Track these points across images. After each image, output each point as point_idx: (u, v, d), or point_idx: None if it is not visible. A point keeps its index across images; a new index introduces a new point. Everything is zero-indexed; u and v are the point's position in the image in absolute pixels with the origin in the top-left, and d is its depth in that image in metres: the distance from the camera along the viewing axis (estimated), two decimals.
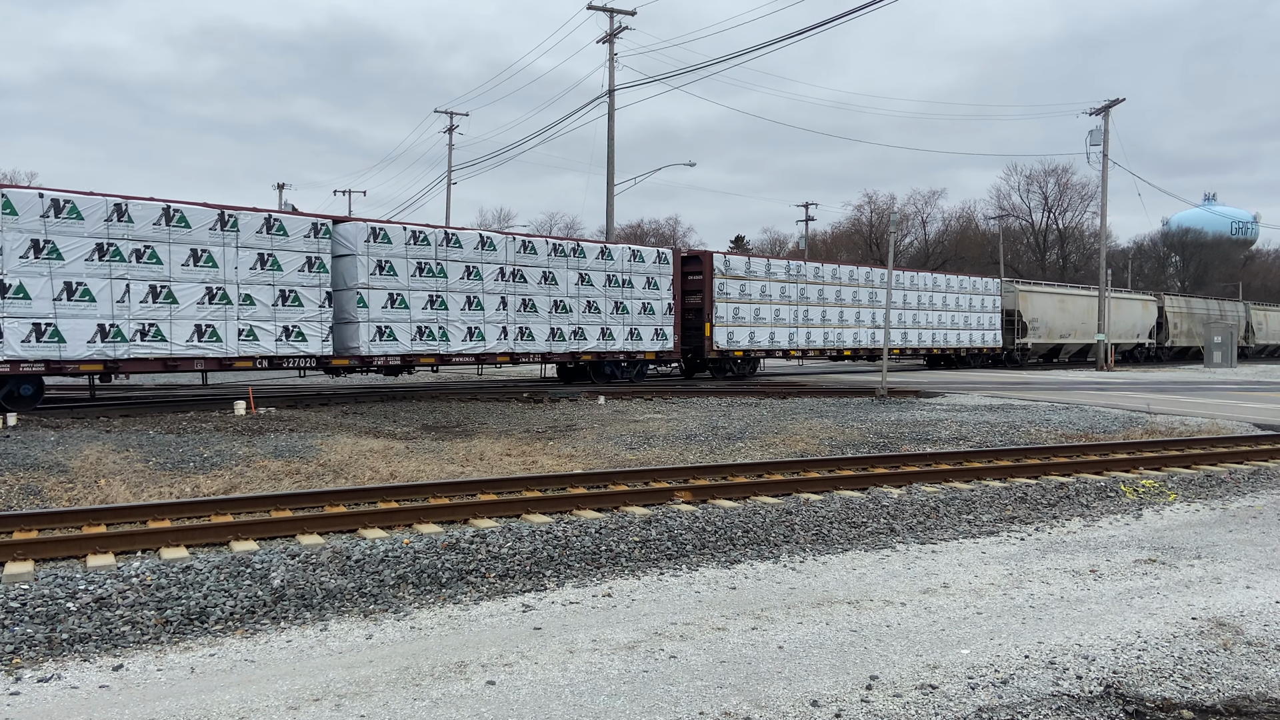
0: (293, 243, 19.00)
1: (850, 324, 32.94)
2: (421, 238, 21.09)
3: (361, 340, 19.99)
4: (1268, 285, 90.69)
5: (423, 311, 21.09)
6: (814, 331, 31.40)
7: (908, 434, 14.94)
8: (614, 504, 8.85)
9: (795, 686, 4.58)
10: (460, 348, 21.82)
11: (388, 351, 20.47)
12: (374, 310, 20.23)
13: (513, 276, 22.80)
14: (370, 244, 20.17)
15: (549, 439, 14.32)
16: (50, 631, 5.44)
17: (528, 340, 23.07)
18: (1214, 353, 46.33)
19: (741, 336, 28.79)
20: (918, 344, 35.65)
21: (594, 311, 24.49)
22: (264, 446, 12.62)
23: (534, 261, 23.23)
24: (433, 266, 21.33)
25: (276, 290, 18.80)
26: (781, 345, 30.16)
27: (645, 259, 25.76)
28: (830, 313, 32.08)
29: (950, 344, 37.28)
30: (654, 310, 25.88)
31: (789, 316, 30.48)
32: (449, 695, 4.49)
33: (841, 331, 32.47)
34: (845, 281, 32.91)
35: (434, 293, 21.32)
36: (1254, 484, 10.92)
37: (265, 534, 7.56)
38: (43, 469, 10.72)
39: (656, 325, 25.92)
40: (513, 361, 23.01)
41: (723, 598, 6.29)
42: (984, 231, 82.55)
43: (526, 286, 23.04)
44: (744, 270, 29.09)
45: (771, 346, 29.78)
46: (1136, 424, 16.80)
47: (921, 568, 7.11)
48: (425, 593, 6.42)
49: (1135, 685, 4.60)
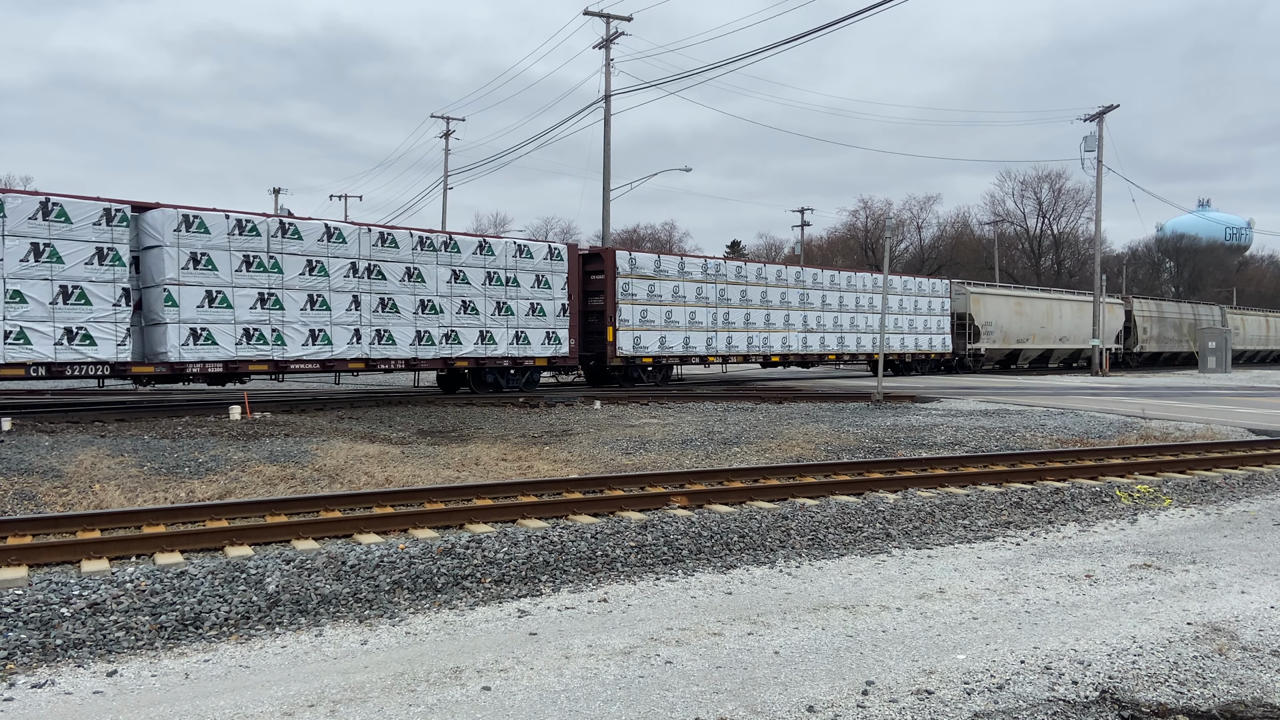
0: (78, 231, 16.55)
1: (779, 327, 30.45)
2: (249, 227, 18.56)
3: (170, 344, 17.50)
4: (1261, 291, 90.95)
5: (251, 312, 18.58)
6: (736, 336, 28.95)
7: (903, 439, 14.95)
8: (610, 509, 8.84)
9: (791, 692, 4.58)
10: (301, 353, 19.29)
11: (205, 358, 17.95)
12: (186, 310, 17.69)
13: (368, 273, 20.35)
14: (181, 233, 17.61)
15: (545, 444, 14.31)
16: (44, 637, 5.42)
17: (387, 345, 20.66)
18: (1208, 358, 46.44)
19: (651, 341, 26.47)
20: (856, 348, 33.44)
21: (470, 313, 22.22)
22: (259, 451, 12.60)
23: (395, 256, 20.84)
24: (264, 260, 18.75)
25: (55, 286, 16.35)
26: (698, 350, 27.81)
27: (534, 255, 23.58)
28: (756, 315, 29.64)
29: (893, 349, 35.12)
30: (545, 312, 23.60)
31: (707, 319, 28.14)
32: (444, 701, 4.48)
33: (769, 335, 30.05)
34: (772, 282, 30.47)
35: (265, 290, 18.76)
36: (1249, 489, 10.94)
37: (260, 539, 7.55)
38: (37, 474, 10.69)
39: (548, 328, 23.66)
40: (368, 368, 20.62)
41: (718, 603, 6.28)
42: (979, 237, 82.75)
43: (386, 284, 20.66)
44: (653, 269, 26.75)
45: (687, 352, 27.47)
46: (1131, 429, 16.83)
47: (917, 573, 7.11)
48: (421, 598, 6.41)
49: (1131, 690, 4.60)
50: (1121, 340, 50.59)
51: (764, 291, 30.02)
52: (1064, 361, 49.03)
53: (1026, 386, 30.53)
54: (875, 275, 34.90)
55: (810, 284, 31.78)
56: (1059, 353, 46.99)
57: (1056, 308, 45.86)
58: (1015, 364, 45.21)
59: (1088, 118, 43.24)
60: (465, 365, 22.35)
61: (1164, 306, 55.86)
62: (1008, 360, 44.93)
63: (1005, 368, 45.27)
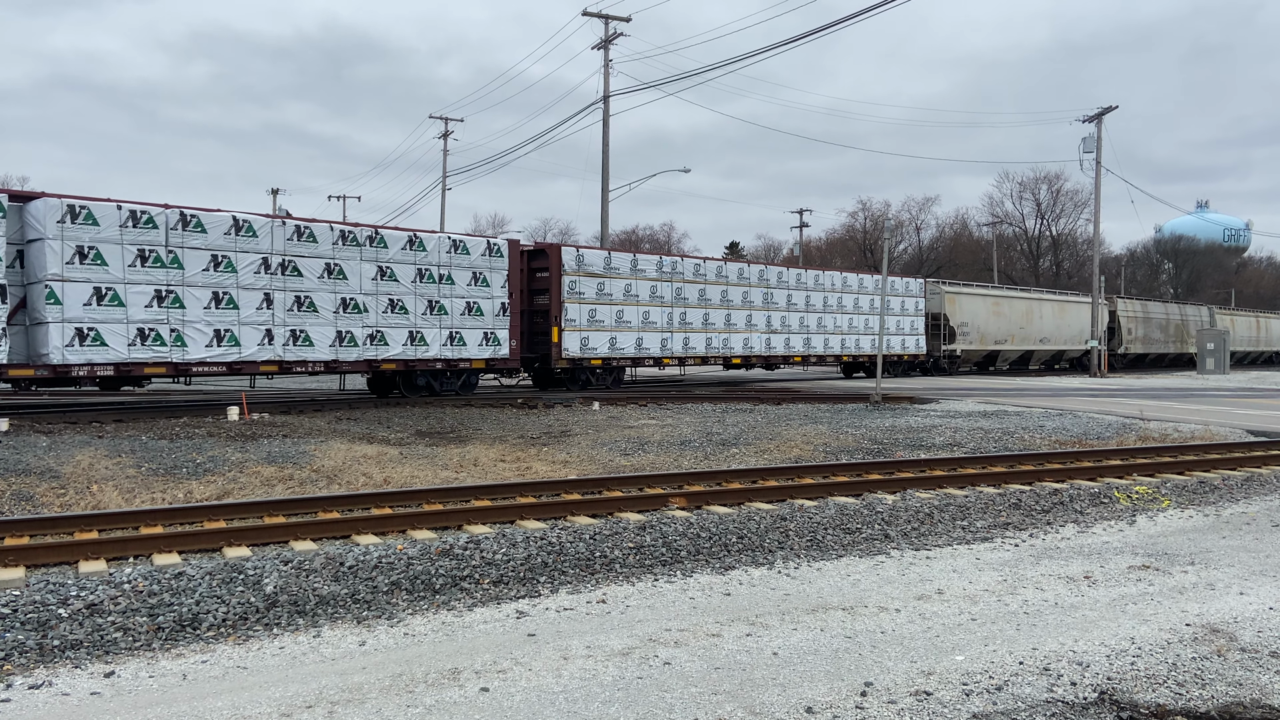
0: None
1: (740, 328, 29.12)
2: (145, 219, 17.24)
3: (53, 345, 16.25)
4: (1260, 292, 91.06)
5: (146, 310, 17.29)
6: (694, 336, 27.58)
7: (902, 440, 14.95)
8: (608, 510, 8.84)
9: (790, 693, 4.57)
10: (205, 354, 18.06)
11: (93, 360, 16.70)
12: (71, 308, 16.42)
13: (282, 269, 18.97)
14: (66, 225, 16.34)
15: (543, 445, 14.31)
16: (42, 638, 5.41)
17: (304, 346, 19.26)
18: (1206, 359, 46.42)
19: (600, 342, 25.12)
20: (824, 350, 32.20)
21: (399, 312, 20.86)
22: (257, 452, 12.59)
23: (313, 251, 19.43)
24: (161, 255, 17.43)
25: None
26: (652, 352, 26.47)
27: (471, 251, 22.23)
28: (715, 315, 28.31)
29: (865, 350, 33.73)
30: (482, 311, 22.31)
31: (662, 319, 26.73)
32: (443, 702, 4.47)
33: (729, 336, 28.66)
34: (734, 280, 29.05)
35: (164, 287, 17.50)
36: (1247, 490, 10.94)
37: (258, 540, 7.54)
38: (35, 474, 10.68)
39: (486, 328, 22.36)
40: (283, 371, 19.33)
41: (717, 604, 6.28)
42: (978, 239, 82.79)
43: (303, 281, 19.27)
44: (602, 267, 25.39)
45: (639, 354, 26.14)
46: (1130, 430, 16.84)
47: (916, 574, 7.11)
48: (419, 599, 6.40)
49: (1129, 692, 4.60)
50: (1105, 341, 48.79)
51: (724, 290, 28.74)
52: (1045, 363, 47.85)
53: (1025, 388, 30.54)
54: (845, 274, 33.81)
55: (775, 283, 30.50)
56: (1039, 354, 45.85)
57: (1036, 308, 44.80)
58: (994, 366, 44.03)
59: (1086, 119, 43.29)
60: (393, 368, 21.05)
61: (1150, 307, 54.45)
62: (985, 362, 43.82)
63: (983, 369, 44.10)
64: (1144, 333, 52.51)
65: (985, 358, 43.21)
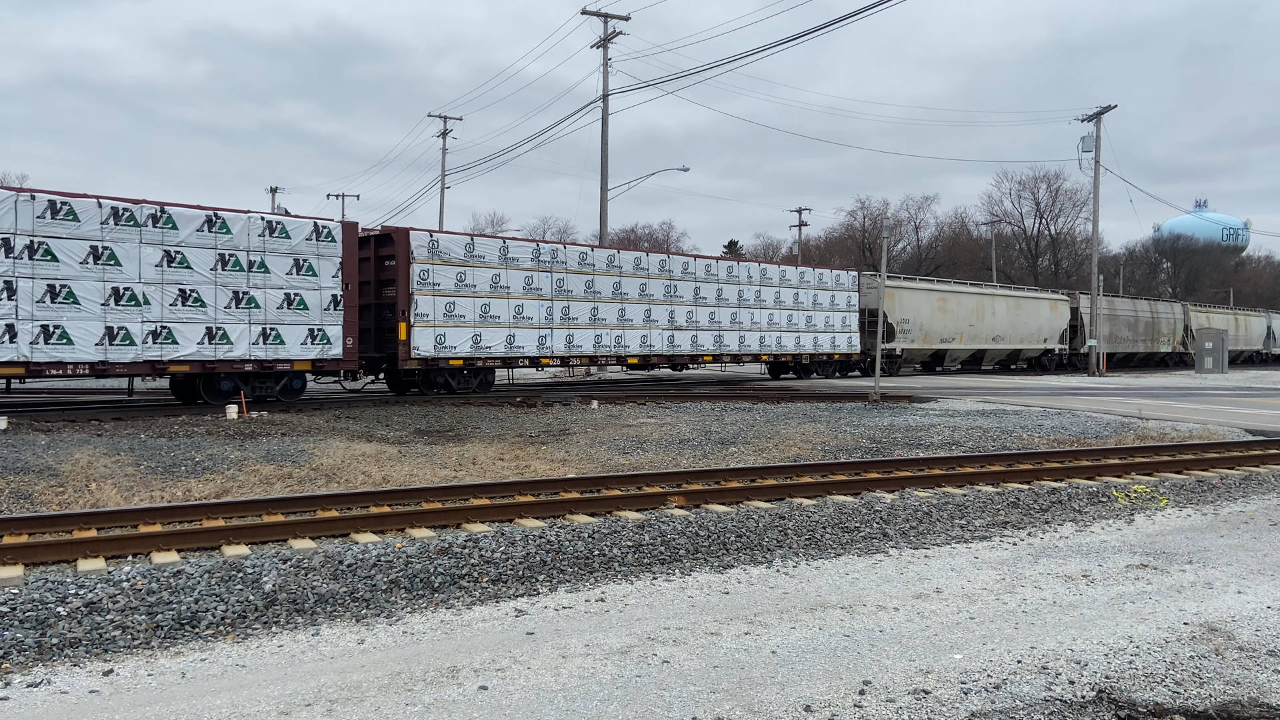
0: None
1: (637, 324, 26.13)
2: None
3: None
4: (1258, 291, 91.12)
5: None
6: (581, 334, 24.76)
7: (901, 439, 14.96)
8: (607, 509, 8.84)
9: (788, 691, 4.58)
10: None
11: None
12: None
13: (30, 252, 16.12)
14: None
15: (542, 443, 14.31)
16: (40, 636, 5.41)
17: (60, 344, 16.40)
18: (1204, 358, 46.40)
19: (459, 340, 22.36)
20: (740, 348, 29.28)
21: (193, 304, 17.87)
22: (256, 451, 12.59)
23: (74, 232, 16.55)
24: None
25: None
26: (528, 351, 23.68)
27: (292, 234, 19.09)
28: (607, 309, 25.38)
29: (788, 349, 30.86)
30: (307, 304, 19.27)
31: (539, 314, 23.97)
32: (441, 700, 4.47)
33: (624, 333, 25.75)
34: (629, 271, 26.02)
35: None
36: (1245, 489, 10.95)
37: (257, 538, 7.54)
38: (33, 473, 10.67)
39: (312, 324, 19.40)
40: (32, 374, 16.48)
41: (716, 602, 6.28)
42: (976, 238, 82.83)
43: (58, 267, 16.42)
44: (464, 254, 22.57)
45: (511, 353, 23.37)
46: (1128, 429, 16.85)
47: (914, 572, 7.12)
48: (418, 597, 6.40)
49: (1127, 690, 4.61)
50: (1067, 340, 46.43)
51: (617, 282, 25.78)
52: (1000, 363, 45.52)
53: (1023, 387, 30.56)
54: (765, 265, 31.26)
55: (680, 274, 27.52)
56: (992, 353, 43.27)
57: (988, 304, 41.87)
58: (940, 366, 41.10)
59: (1085, 118, 43.34)
60: (186, 370, 18.08)
61: (1117, 304, 51.32)
62: (932, 362, 40.99)
63: (929, 370, 41.22)
64: (1110, 331, 49.45)
65: (931, 357, 40.37)
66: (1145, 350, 52.53)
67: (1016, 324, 42.98)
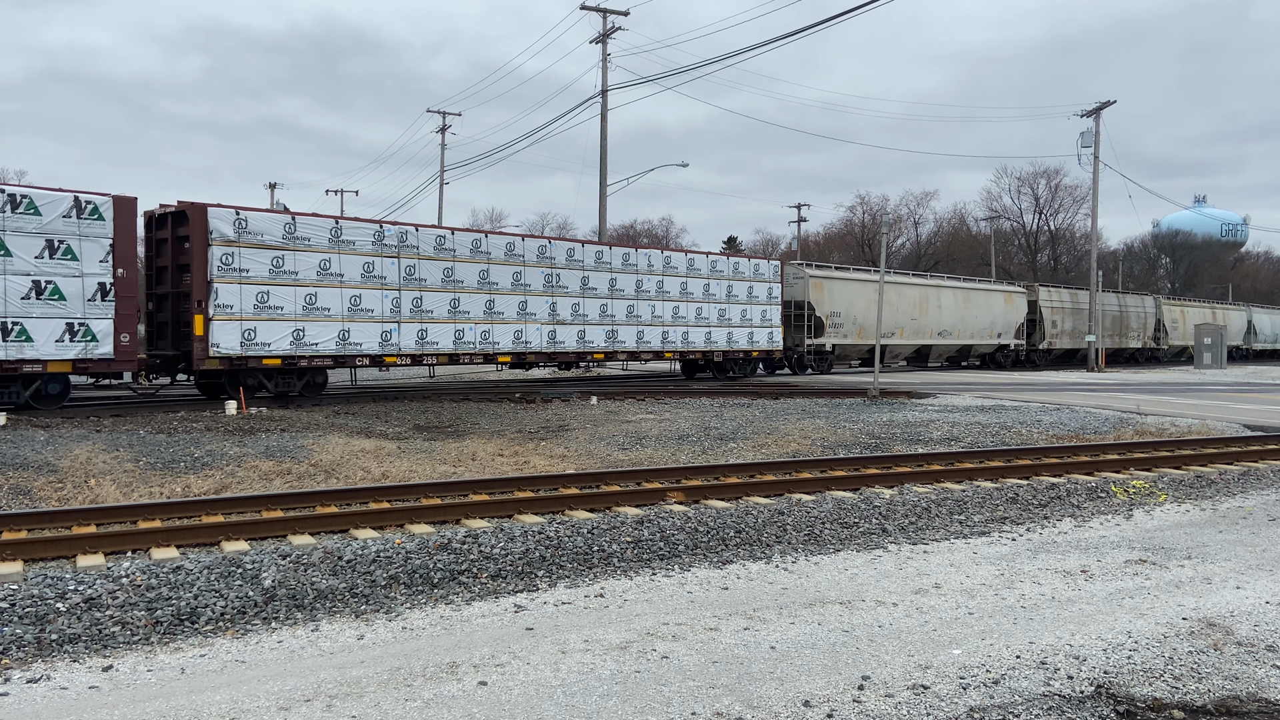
0: None
1: (510, 317, 23.16)
2: None
3: None
4: (1257, 287, 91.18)
5: None
6: (438, 328, 21.81)
7: (900, 434, 14.97)
8: (606, 504, 8.84)
9: (787, 687, 4.59)
10: None
11: None
12: None
13: None
14: None
15: (541, 439, 14.31)
16: (39, 632, 5.41)
17: None
18: (1204, 354, 46.38)
19: (276, 335, 18.99)
20: (638, 344, 26.11)
21: None
22: (255, 446, 12.58)
23: None
24: None
25: None
26: (368, 349, 20.54)
27: (43, 210, 16.10)
28: (471, 301, 22.37)
29: (698, 345, 27.75)
30: (64, 294, 16.34)
31: (384, 306, 20.99)
32: (441, 696, 4.48)
33: (492, 328, 22.80)
34: (500, 258, 23.00)
35: None
36: (1244, 485, 10.96)
37: (256, 534, 7.54)
38: (32, 469, 10.67)
39: (72, 318, 16.44)
40: None
41: (715, 598, 6.29)
42: (975, 234, 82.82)
43: None
44: (283, 236, 19.18)
45: (345, 350, 20.15)
46: (1127, 425, 16.86)
47: (913, 568, 7.12)
48: (417, 593, 6.41)
49: (1126, 685, 4.61)
50: (1024, 335, 43.57)
51: (484, 270, 22.78)
52: (950, 359, 42.21)
53: (1022, 382, 30.57)
54: (669, 253, 28.28)
55: (564, 261, 24.54)
56: (940, 349, 39.91)
57: (933, 296, 38.49)
58: (882, 362, 36.76)
59: (1084, 114, 43.30)
60: None
61: (1080, 296, 47.76)
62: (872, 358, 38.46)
63: (868, 367, 37.51)
64: (1072, 325, 46.17)
65: (870, 353, 36.55)
66: (1112, 346, 49.14)
67: (966, 318, 40.03)
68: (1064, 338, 45.90)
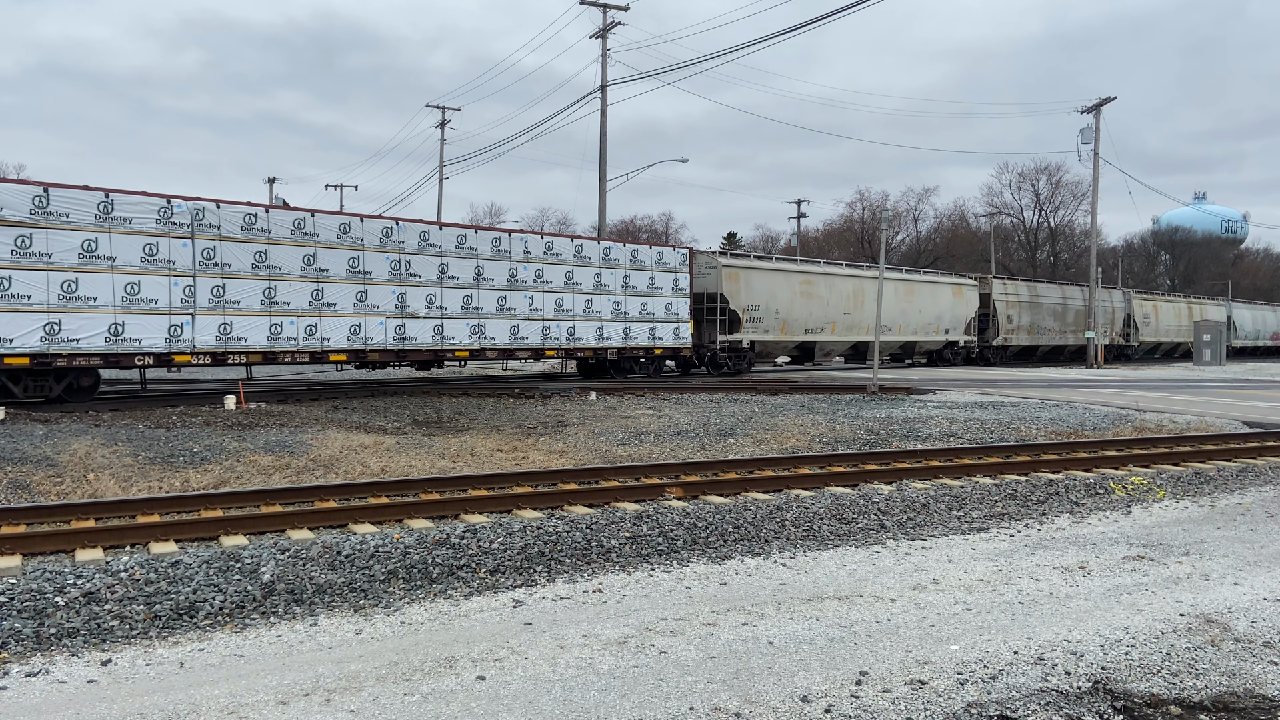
0: None
1: (344, 310, 20.43)
2: None
3: None
4: (1257, 284, 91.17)
5: None
6: (245, 321, 18.92)
7: (898, 430, 14.97)
8: (605, 500, 8.85)
9: (785, 682, 4.59)
10: None
11: None
12: None
13: None
14: None
15: (540, 434, 14.31)
16: (38, 626, 5.41)
17: None
18: (1203, 351, 46.42)
19: (21, 330, 16.47)
20: (509, 342, 23.51)
21: None
22: (254, 441, 12.58)
23: None
24: None
25: None
26: (149, 345, 17.79)
27: None
28: (291, 290, 19.56)
29: (586, 342, 25.09)
30: None
31: (172, 296, 18.10)
32: (439, 690, 4.48)
33: (320, 321, 19.99)
34: (331, 242, 20.24)
35: None
36: (1242, 481, 10.97)
37: (255, 529, 7.54)
38: (31, 463, 10.67)
39: None
40: None
41: (713, 593, 6.29)
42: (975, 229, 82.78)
43: None
44: (30, 211, 16.49)
45: (119, 348, 17.43)
46: (1126, 421, 16.87)
47: (911, 564, 7.13)
48: (415, 588, 6.41)
49: (1123, 681, 4.62)
50: (975, 331, 40.63)
51: (310, 254, 19.81)
52: (893, 356, 39.29)
53: (1020, 378, 30.58)
54: (552, 238, 25.35)
55: (415, 246, 21.77)
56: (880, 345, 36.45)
57: (870, 289, 34.91)
58: (811, 361, 35.02)
59: (1084, 110, 43.27)
60: None
61: (1039, 290, 45.29)
62: (801, 355, 35.08)
63: (798, 364, 35.61)
64: (1030, 321, 43.48)
65: (798, 350, 34.62)
66: (1076, 343, 46.60)
67: (909, 312, 36.96)
68: (1021, 333, 43.27)
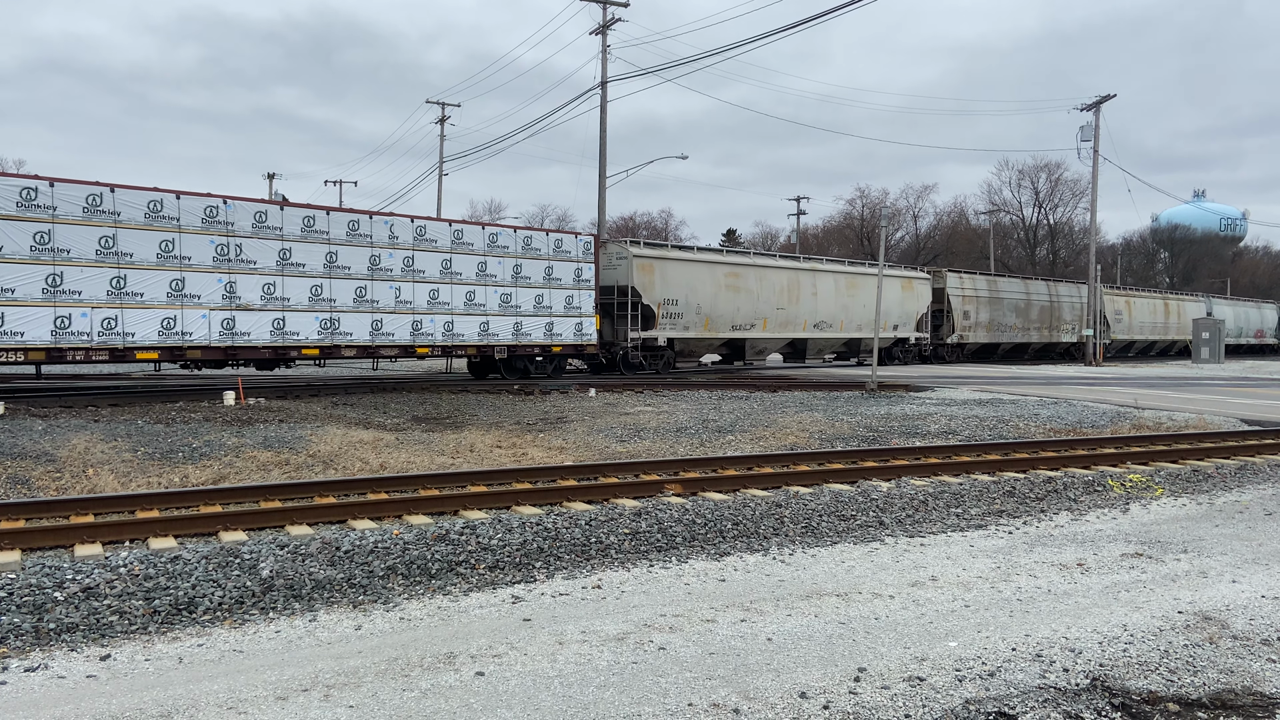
0: None
1: (154, 301, 17.94)
2: None
3: None
4: (1256, 282, 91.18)
5: None
6: (18, 313, 16.45)
7: (897, 428, 14.98)
8: (604, 496, 8.85)
9: (784, 678, 4.60)
10: None
11: None
12: None
13: None
14: None
15: (539, 431, 14.31)
16: (37, 621, 5.42)
17: None
18: (1200, 348, 46.39)
19: None
20: (370, 338, 21.04)
21: None
22: (253, 437, 12.58)
23: None
24: None
25: None
26: None
27: None
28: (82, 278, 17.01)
29: (468, 339, 22.75)
30: None
31: None
32: (438, 686, 4.49)
33: (122, 314, 17.53)
34: (138, 223, 17.72)
35: None
36: (1240, 479, 10.98)
37: (254, 524, 7.55)
38: (30, 458, 10.67)
39: None
40: None
41: (712, 590, 6.30)
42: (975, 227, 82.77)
43: None
44: None
45: None
46: (1124, 419, 16.88)
47: (910, 561, 7.14)
48: (415, 584, 6.42)
49: (1121, 678, 4.63)
50: (928, 327, 38.47)
51: (109, 236, 17.33)
52: (836, 353, 37.01)
53: (1019, 376, 30.59)
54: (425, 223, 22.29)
55: (249, 229, 19.16)
56: (817, 343, 34.52)
57: (807, 281, 32.86)
58: (743, 359, 32.43)
59: (1084, 107, 43.24)
60: None
61: (999, 284, 42.65)
62: (731, 354, 32.66)
63: (728, 363, 33.23)
64: (989, 317, 41.12)
65: (726, 347, 32.00)
66: (1041, 340, 44.79)
67: (851, 307, 34.38)
68: (979, 330, 40.97)
